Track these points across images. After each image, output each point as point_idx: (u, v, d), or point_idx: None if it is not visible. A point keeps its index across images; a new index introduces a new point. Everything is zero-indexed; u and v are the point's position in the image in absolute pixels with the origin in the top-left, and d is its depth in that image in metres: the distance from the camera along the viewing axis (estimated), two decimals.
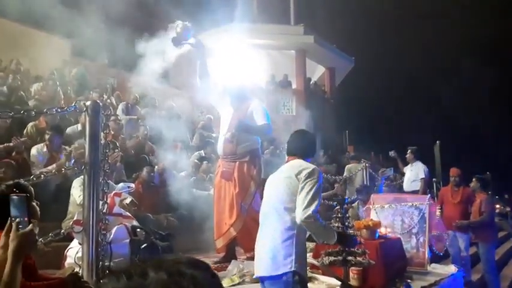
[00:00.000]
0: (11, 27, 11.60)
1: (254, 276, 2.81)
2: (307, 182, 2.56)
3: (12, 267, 1.69)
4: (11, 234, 1.74)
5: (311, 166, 2.65)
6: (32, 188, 2.35)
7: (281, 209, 2.61)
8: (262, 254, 2.65)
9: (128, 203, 4.39)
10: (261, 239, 2.72)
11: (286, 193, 2.62)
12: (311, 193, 2.53)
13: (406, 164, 8.33)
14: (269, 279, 2.56)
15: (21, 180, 2.40)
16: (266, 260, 2.60)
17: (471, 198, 6.18)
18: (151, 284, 0.59)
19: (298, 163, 2.71)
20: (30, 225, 1.74)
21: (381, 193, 7.71)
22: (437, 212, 5.20)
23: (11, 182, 2.24)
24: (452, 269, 4.17)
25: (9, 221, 1.76)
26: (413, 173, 7.89)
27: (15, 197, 1.78)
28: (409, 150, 8.09)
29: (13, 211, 1.76)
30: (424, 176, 7.73)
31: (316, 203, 2.52)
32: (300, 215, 2.50)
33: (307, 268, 2.98)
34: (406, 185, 8.00)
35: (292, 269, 2.48)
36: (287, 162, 2.84)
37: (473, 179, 6.38)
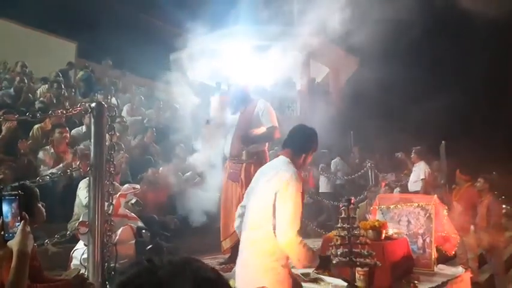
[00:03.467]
0: (16, 29, 11.69)
1: None
2: (285, 194, 2.43)
3: (14, 266, 1.69)
4: (17, 234, 1.75)
5: (288, 171, 2.51)
6: (37, 190, 2.35)
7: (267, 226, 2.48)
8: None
9: (132, 203, 4.39)
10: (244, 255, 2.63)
11: (267, 208, 2.48)
12: (291, 209, 2.41)
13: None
14: None
15: (27, 182, 2.41)
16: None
17: (475, 198, 6.13)
18: (167, 264, 0.73)
19: (279, 163, 2.65)
20: (21, 223, 1.75)
21: None
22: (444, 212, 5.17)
23: (16, 184, 2.25)
24: (459, 270, 4.12)
25: (0, 220, 1.78)
26: (416, 173, 7.83)
27: (7, 196, 1.80)
28: (413, 151, 8.04)
29: (4, 210, 1.78)
30: (424, 177, 7.62)
31: (297, 221, 2.41)
32: (281, 237, 2.40)
33: (312, 270, 2.97)
34: (409, 186, 7.94)
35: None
36: (276, 157, 2.81)
37: (479, 179, 6.29)
